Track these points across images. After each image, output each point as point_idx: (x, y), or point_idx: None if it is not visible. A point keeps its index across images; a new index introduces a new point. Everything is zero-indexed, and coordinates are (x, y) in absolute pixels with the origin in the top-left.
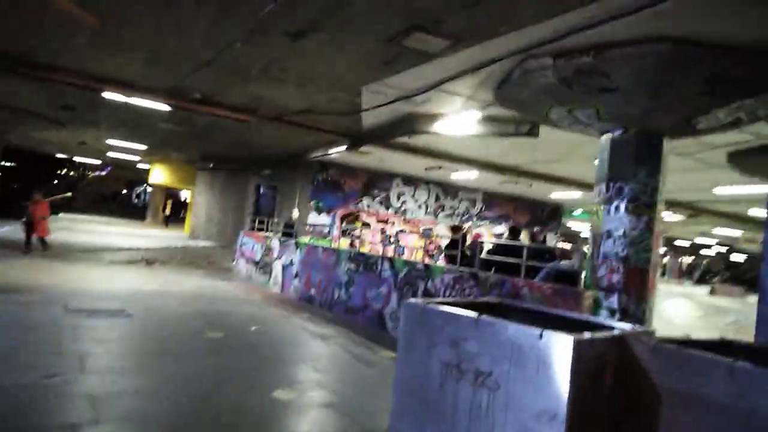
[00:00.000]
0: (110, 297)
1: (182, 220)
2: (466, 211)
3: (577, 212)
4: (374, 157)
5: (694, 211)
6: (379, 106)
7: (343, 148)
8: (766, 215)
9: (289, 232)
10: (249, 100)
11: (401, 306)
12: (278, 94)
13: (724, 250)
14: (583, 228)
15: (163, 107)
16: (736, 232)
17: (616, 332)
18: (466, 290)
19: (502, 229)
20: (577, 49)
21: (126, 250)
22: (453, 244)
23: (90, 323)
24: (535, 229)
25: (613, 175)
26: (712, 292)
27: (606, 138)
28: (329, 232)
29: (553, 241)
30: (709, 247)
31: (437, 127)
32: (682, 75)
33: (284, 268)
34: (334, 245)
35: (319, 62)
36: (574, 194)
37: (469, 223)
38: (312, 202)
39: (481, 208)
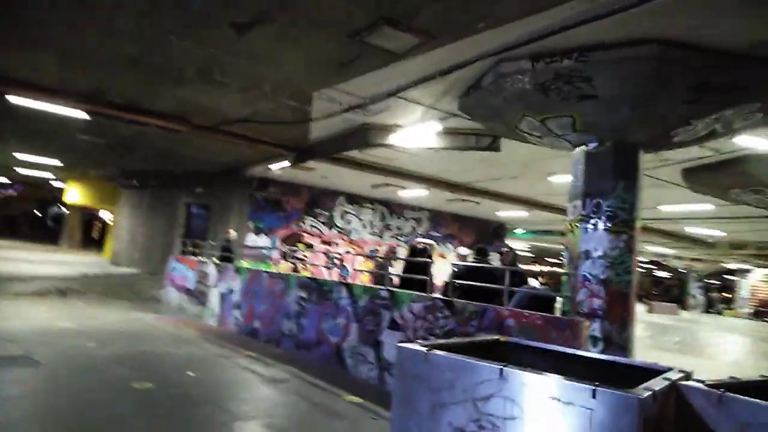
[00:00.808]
0: (13, 338)
1: (101, 244)
2: (412, 231)
3: (519, 231)
4: (318, 173)
5: None
6: (331, 115)
7: (286, 163)
8: None
9: (227, 255)
10: (181, 107)
11: (364, 339)
12: (216, 99)
13: (650, 266)
14: (523, 247)
15: (81, 115)
16: (667, 250)
17: (664, 380)
18: (439, 321)
19: (466, 250)
20: (559, 51)
21: (37, 280)
22: (413, 268)
23: None
24: (503, 249)
25: (590, 191)
26: (650, 310)
27: (580, 151)
28: (269, 255)
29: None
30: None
31: (392, 139)
32: (668, 81)
33: (223, 297)
34: (274, 269)
35: (266, 62)
36: (521, 213)
37: (431, 242)
38: (250, 223)
39: (427, 228)
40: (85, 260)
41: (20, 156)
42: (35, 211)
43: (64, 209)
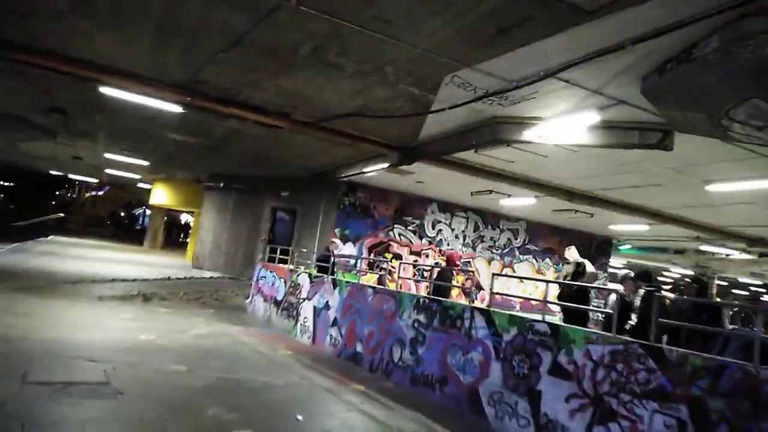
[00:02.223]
0: (93, 356)
1: (183, 246)
2: (508, 244)
3: (625, 247)
4: (414, 177)
5: None
6: (458, 105)
7: (385, 164)
8: None
9: (325, 266)
10: (284, 100)
11: (513, 385)
12: (324, 89)
13: None
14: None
15: (173, 108)
16: None
17: None
18: (638, 375)
19: (591, 267)
20: None
21: (120, 282)
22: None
23: (55, 411)
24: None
25: None
26: None
27: None
28: (355, 264)
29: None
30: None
31: (528, 135)
32: None
33: (317, 312)
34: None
35: (400, 32)
36: (640, 227)
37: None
38: (337, 230)
39: (524, 240)
40: (168, 262)
41: (109, 156)
42: (121, 211)
43: (148, 210)
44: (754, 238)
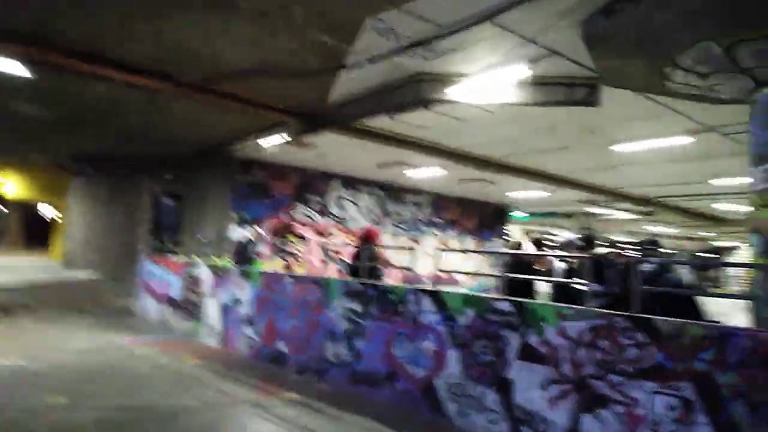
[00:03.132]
0: None
1: (45, 243)
2: (413, 217)
3: (518, 214)
4: (317, 151)
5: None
6: (376, 58)
7: (284, 136)
8: None
9: (246, 257)
10: (164, 54)
11: (476, 374)
12: (215, 38)
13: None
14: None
15: (20, 70)
16: (668, 229)
17: None
18: (628, 351)
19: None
20: None
21: None
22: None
23: None
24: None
25: None
26: None
27: None
28: (256, 250)
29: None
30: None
31: (452, 93)
32: None
33: (225, 309)
34: (264, 268)
35: None
36: (541, 193)
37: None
38: (233, 213)
39: (429, 213)
40: (32, 263)
41: None
42: None
43: (2, 207)
44: (640, 198)
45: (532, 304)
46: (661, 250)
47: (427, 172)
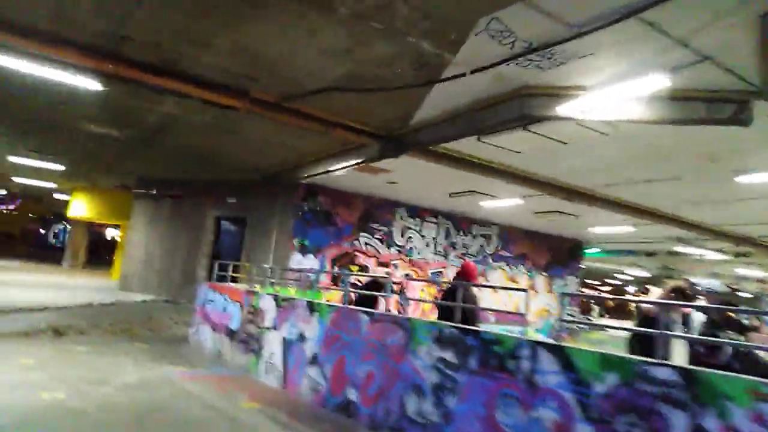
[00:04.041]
0: None
1: (109, 264)
2: (480, 251)
3: (592, 250)
4: (387, 176)
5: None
6: (485, 67)
7: (358, 160)
8: None
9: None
10: (241, 66)
11: None
12: (300, 46)
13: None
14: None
15: (91, 84)
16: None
17: None
18: None
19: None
20: None
21: (27, 311)
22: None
23: None
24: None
25: None
26: None
27: None
28: (317, 279)
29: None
30: None
31: (565, 110)
32: None
33: (288, 345)
34: (325, 299)
35: None
36: (625, 228)
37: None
38: (295, 240)
39: (497, 246)
40: (90, 284)
41: (15, 160)
42: (36, 227)
43: (67, 225)
44: (742, 237)
45: (709, 374)
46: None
47: (503, 203)
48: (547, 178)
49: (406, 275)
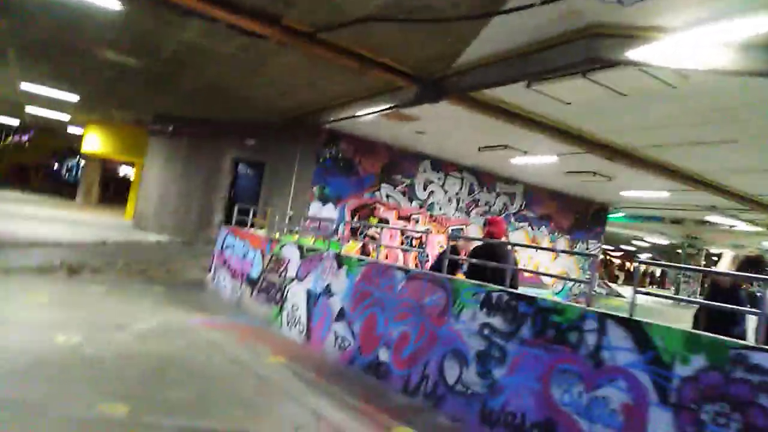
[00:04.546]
0: None
1: (122, 202)
2: (503, 209)
3: (617, 215)
4: (416, 125)
5: None
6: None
7: (390, 104)
8: None
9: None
10: None
11: None
12: None
13: None
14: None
15: (109, 1)
16: None
17: None
18: None
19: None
20: None
21: (41, 246)
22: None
23: None
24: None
25: None
26: None
27: None
28: (336, 229)
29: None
30: None
31: (641, 54)
32: None
33: (313, 298)
34: (344, 250)
35: None
36: (660, 194)
37: None
38: (315, 188)
39: (521, 206)
40: (104, 221)
41: (28, 87)
42: (50, 161)
43: (81, 160)
44: None
45: None
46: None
47: (535, 160)
48: (591, 135)
49: (427, 230)
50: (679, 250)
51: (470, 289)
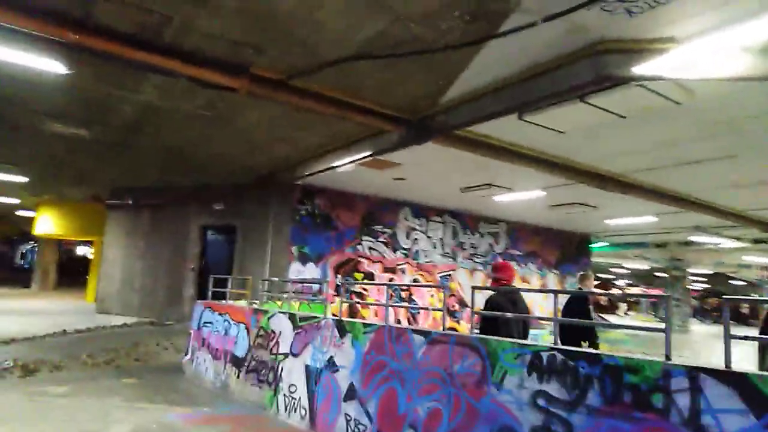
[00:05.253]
0: None
1: (81, 284)
2: (489, 250)
3: (599, 244)
4: (394, 172)
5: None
6: (562, 13)
7: (365, 154)
8: None
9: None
10: (244, 32)
11: None
12: (317, 4)
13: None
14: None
15: (55, 66)
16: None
17: None
18: None
19: None
20: None
21: None
22: None
23: None
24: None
25: None
26: None
27: None
28: (320, 290)
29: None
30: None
31: (651, 68)
32: None
33: (313, 375)
34: (328, 311)
35: None
36: (645, 219)
37: None
38: (294, 248)
39: (506, 245)
40: (63, 306)
41: None
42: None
43: (35, 244)
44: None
45: None
46: None
47: (520, 196)
48: (582, 164)
49: (414, 280)
50: (658, 274)
51: (512, 351)
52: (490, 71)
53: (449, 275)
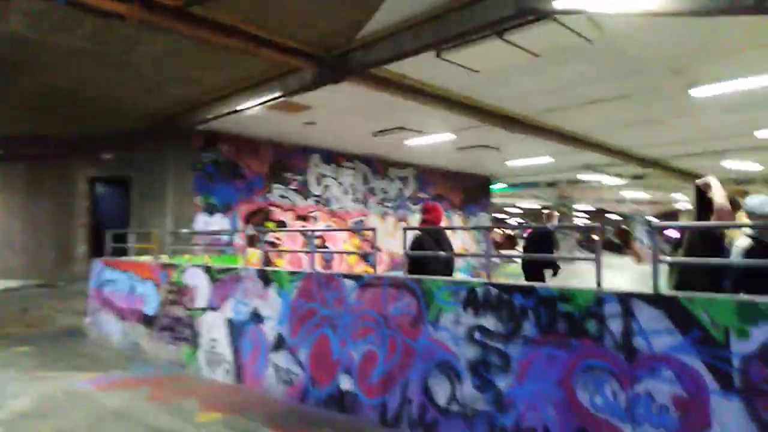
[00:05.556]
0: None
1: None
2: (399, 194)
3: (498, 186)
4: (305, 116)
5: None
6: None
7: (278, 94)
8: None
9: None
10: None
11: None
12: None
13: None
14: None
15: None
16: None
17: None
18: None
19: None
20: None
21: None
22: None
23: None
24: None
25: None
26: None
27: None
28: (230, 241)
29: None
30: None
31: (567, 2)
32: None
33: (236, 328)
34: (241, 262)
35: None
36: (543, 160)
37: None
38: (198, 198)
39: (415, 189)
40: None
41: None
42: None
43: None
44: (651, 160)
45: None
46: None
47: (430, 139)
48: (492, 106)
49: (328, 226)
50: (546, 211)
51: (446, 288)
52: (405, 6)
53: (361, 221)
